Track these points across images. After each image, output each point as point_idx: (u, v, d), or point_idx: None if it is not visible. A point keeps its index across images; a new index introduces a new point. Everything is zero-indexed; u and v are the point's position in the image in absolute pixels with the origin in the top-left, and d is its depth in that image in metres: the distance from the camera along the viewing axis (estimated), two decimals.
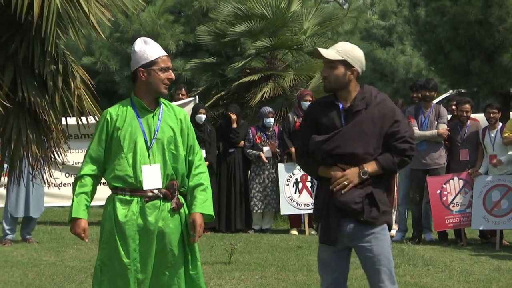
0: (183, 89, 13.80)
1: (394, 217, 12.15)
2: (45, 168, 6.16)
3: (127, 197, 5.00)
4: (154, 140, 5.03)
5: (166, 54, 5.09)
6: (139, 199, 4.99)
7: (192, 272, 5.09)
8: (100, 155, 5.04)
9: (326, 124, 5.00)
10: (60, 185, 13.25)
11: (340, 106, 5.01)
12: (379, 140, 4.97)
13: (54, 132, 6.00)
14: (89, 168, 5.04)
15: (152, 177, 4.98)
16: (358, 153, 4.92)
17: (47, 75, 5.71)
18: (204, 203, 5.09)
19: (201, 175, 5.15)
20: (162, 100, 5.15)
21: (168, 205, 5.03)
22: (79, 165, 13.35)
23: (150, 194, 4.99)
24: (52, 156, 6.13)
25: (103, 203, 5.11)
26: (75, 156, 13.18)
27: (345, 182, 4.90)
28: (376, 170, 4.94)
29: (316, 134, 5.01)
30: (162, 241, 5.01)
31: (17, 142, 5.82)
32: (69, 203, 4.51)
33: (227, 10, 14.78)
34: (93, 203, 5.18)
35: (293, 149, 12.39)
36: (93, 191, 5.08)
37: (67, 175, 13.35)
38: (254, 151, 12.60)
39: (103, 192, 5.33)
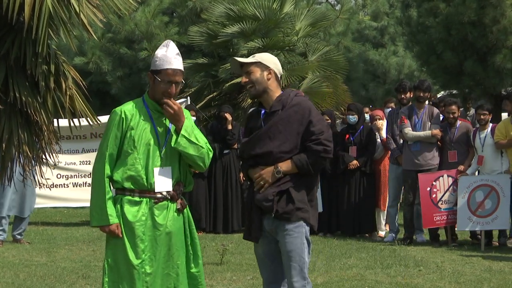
0: None
1: (383, 217, 12.16)
2: (37, 169, 6.14)
3: (136, 198, 5.00)
4: (166, 142, 5.04)
5: (175, 68, 5.07)
6: (148, 200, 5.00)
7: (194, 270, 5.15)
8: (115, 153, 5.03)
9: (252, 129, 5.31)
10: (52, 186, 13.23)
11: (263, 111, 5.28)
12: (296, 140, 5.18)
13: (45, 133, 5.98)
14: (109, 169, 5.01)
15: (163, 180, 5.00)
16: (273, 152, 5.16)
17: (38, 75, 5.69)
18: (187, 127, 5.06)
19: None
20: None
21: (174, 206, 5.06)
22: (71, 166, 13.58)
23: (159, 195, 5.01)
24: (43, 157, 6.11)
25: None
26: (66, 157, 13.16)
27: (261, 182, 5.16)
28: (290, 169, 5.15)
29: None
30: (169, 241, 5.04)
31: (9, 142, 5.79)
32: (60, 204, 4.51)
33: (219, 11, 14.78)
34: (85, 205, 5.17)
35: None
36: None
37: (58, 176, 13.32)
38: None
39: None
